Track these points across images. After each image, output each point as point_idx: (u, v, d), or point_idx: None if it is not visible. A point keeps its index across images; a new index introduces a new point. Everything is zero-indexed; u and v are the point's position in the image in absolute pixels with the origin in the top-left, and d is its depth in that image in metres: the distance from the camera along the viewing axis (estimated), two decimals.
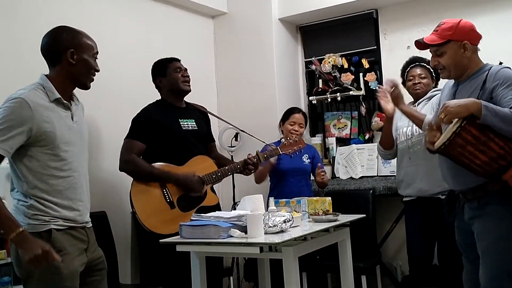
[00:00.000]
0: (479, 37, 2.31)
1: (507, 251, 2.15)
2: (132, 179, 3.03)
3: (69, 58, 2.06)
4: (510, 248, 2.15)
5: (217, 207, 3.13)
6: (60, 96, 2.05)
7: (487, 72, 2.24)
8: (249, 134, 3.49)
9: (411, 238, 3.21)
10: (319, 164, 3.60)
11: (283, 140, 3.40)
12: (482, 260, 2.21)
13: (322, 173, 3.52)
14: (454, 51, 2.27)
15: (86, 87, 2.15)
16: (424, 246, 3.12)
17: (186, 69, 3.27)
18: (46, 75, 2.10)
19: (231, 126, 3.70)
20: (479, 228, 2.22)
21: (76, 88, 2.16)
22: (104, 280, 2.20)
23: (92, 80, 2.16)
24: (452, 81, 2.42)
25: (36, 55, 3.13)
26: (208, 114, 3.43)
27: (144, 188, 2.98)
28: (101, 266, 2.19)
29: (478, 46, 2.33)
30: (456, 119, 2.09)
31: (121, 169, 3.06)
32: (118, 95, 3.54)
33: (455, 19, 2.31)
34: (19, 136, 1.92)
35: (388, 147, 3.20)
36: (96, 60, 2.16)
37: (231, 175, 3.30)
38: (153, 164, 3.05)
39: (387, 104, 2.92)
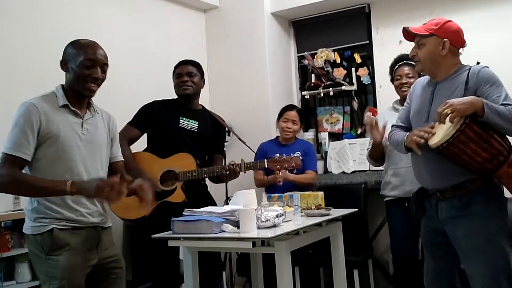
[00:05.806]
0: (462, 41, 2.32)
1: (501, 248, 2.19)
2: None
3: (63, 68, 2.13)
4: (502, 245, 2.20)
5: (182, 205, 2.86)
6: (67, 103, 2.09)
7: (467, 71, 2.26)
8: (236, 136, 3.47)
9: (396, 237, 3.21)
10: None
11: (277, 156, 3.11)
12: (474, 260, 2.21)
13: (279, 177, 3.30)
14: (433, 46, 2.28)
15: (83, 95, 2.13)
16: (409, 245, 3.11)
17: (188, 73, 3.20)
18: (62, 85, 2.15)
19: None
20: (466, 229, 2.21)
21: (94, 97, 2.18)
22: (119, 279, 2.21)
23: (90, 88, 2.09)
24: (425, 80, 2.45)
25: (29, 54, 3.14)
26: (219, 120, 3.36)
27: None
28: (115, 264, 2.20)
29: (460, 51, 2.33)
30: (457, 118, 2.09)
31: None
32: (111, 91, 3.50)
33: (446, 18, 2.34)
34: (33, 138, 1.98)
35: (379, 162, 3.24)
36: (91, 68, 2.07)
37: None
38: (140, 151, 3.13)
39: (375, 133, 2.99)
